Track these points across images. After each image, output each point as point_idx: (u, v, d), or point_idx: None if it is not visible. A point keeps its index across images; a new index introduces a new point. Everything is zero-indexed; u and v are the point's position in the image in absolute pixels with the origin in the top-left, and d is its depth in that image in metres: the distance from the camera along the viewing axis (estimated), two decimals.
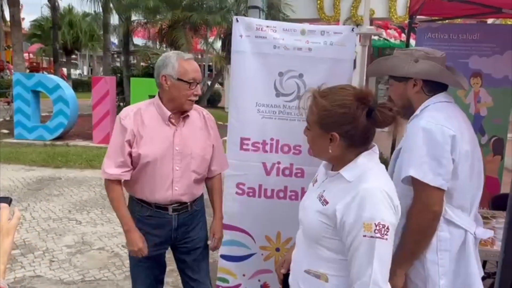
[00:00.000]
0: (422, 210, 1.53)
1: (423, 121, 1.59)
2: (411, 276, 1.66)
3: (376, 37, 17.18)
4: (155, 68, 2.08)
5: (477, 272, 1.62)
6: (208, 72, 21.32)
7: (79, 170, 6.68)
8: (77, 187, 5.74)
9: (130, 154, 2.02)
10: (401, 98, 1.73)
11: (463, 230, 1.62)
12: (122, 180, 2.08)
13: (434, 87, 1.68)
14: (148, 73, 11.25)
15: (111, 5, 10.88)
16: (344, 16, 15.79)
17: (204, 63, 21.24)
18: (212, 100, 15.46)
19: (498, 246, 2.11)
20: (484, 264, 2.46)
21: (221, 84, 16.52)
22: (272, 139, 2.69)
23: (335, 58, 2.60)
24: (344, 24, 15.95)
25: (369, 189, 1.21)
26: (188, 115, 2.11)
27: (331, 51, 2.60)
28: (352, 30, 2.61)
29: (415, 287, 1.66)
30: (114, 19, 12.55)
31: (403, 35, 19.63)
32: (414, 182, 1.55)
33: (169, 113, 2.04)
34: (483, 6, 3.26)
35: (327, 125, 1.26)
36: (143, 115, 2.04)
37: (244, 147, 2.70)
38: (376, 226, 1.16)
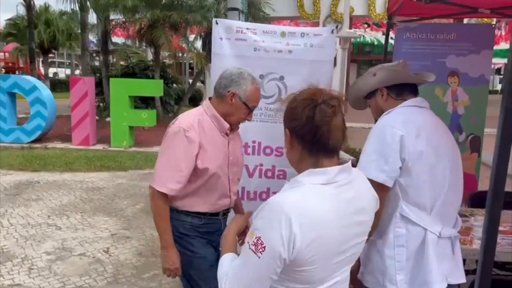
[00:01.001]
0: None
1: (378, 123, 1.70)
2: (372, 269, 1.74)
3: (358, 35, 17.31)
4: (222, 77, 1.97)
5: (437, 270, 1.65)
6: (189, 70, 21.18)
7: (59, 173, 6.55)
8: (56, 191, 5.63)
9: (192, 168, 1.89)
10: (377, 111, 1.83)
11: (421, 228, 1.66)
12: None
13: (400, 90, 1.77)
14: (128, 73, 11.10)
15: (88, 3, 10.68)
16: (324, 14, 15.92)
17: (185, 61, 21.09)
18: (193, 99, 15.36)
19: (476, 245, 2.15)
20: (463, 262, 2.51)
21: (203, 82, 16.43)
22: (254, 142, 2.69)
23: (315, 60, 2.61)
24: (324, 22, 16.11)
25: (272, 202, 1.10)
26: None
27: (311, 53, 2.61)
28: (332, 32, 2.62)
29: (375, 281, 1.73)
30: (92, 17, 12.34)
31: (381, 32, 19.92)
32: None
33: (228, 125, 1.96)
34: (460, 6, 3.32)
35: (284, 121, 1.23)
36: (202, 126, 1.92)
37: None
38: (255, 238, 1.08)
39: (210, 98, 2.01)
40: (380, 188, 1.52)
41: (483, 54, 3.40)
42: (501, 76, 34.20)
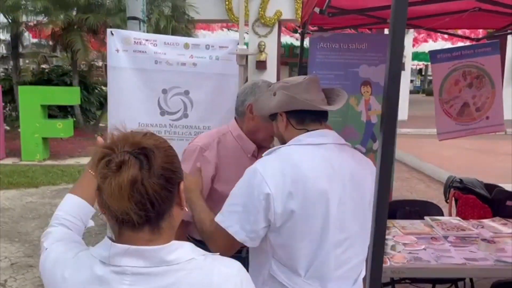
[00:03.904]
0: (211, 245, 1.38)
1: (255, 163, 1.39)
2: None
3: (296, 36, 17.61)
4: (238, 95, 1.84)
5: None
6: None
7: None
8: None
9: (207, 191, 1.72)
10: (278, 137, 1.57)
11: None
12: None
13: (301, 118, 1.45)
14: (43, 79, 10.30)
15: None
16: (252, 17, 15.97)
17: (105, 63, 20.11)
18: None
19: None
20: None
21: None
22: None
23: (221, 73, 2.48)
24: (253, 26, 16.19)
25: None
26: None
27: (217, 66, 2.47)
28: (238, 44, 2.50)
29: None
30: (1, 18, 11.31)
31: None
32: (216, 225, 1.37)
33: (254, 146, 1.80)
34: (369, 17, 3.37)
35: None
36: (224, 146, 1.79)
37: None
38: None
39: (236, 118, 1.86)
40: (230, 238, 1.33)
41: None
42: (422, 77, 36.84)
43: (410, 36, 14.84)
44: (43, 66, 12.68)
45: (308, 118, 1.45)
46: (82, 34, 8.98)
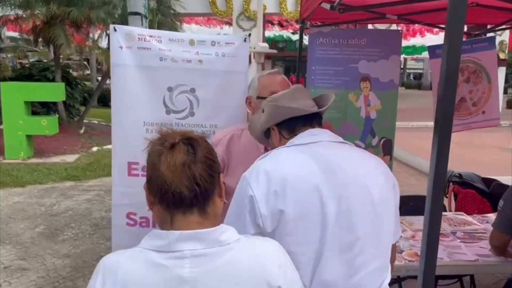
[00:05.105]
0: None
1: (246, 171, 1.33)
2: None
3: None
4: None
5: None
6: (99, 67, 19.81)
7: None
8: None
9: None
10: None
11: None
12: None
13: (291, 127, 1.41)
14: (24, 74, 9.98)
15: None
16: (237, 11, 15.88)
17: (89, 57, 19.63)
18: (103, 99, 14.38)
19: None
20: None
21: None
22: None
23: (228, 70, 2.41)
24: (237, 19, 16.08)
25: None
26: None
27: (223, 63, 2.40)
28: (245, 40, 2.44)
29: None
30: None
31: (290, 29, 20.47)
32: None
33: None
34: (369, 12, 3.35)
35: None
36: (237, 141, 1.86)
37: (133, 172, 2.40)
38: None
39: None
40: None
41: (391, 59, 3.46)
42: (402, 70, 37.70)
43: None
44: (21, 61, 12.33)
45: (298, 125, 1.40)
46: (64, 28, 8.73)
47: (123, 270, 0.91)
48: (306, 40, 3.92)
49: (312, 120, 1.41)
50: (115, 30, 2.28)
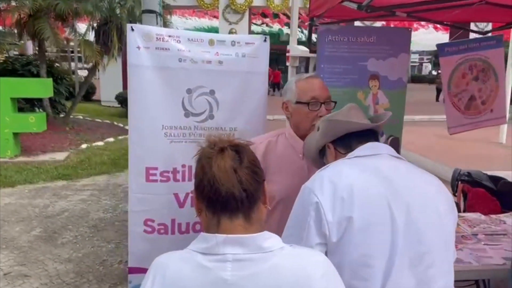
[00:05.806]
0: None
1: (307, 182, 1.31)
2: None
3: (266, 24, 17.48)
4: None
5: None
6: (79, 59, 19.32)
7: None
8: None
9: None
10: None
11: None
12: None
13: (347, 143, 1.41)
14: (7, 69, 9.63)
15: None
16: (223, 4, 15.69)
17: (71, 49, 19.14)
18: (86, 94, 14.03)
19: None
20: None
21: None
22: (183, 166, 2.35)
23: (248, 71, 2.35)
24: (224, 12, 15.91)
25: None
26: None
27: (244, 64, 2.34)
28: (265, 40, 2.37)
29: None
30: None
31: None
32: None
33: (302, 142, 1.74)
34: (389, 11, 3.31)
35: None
36: (274, 148, 1.83)
37: (151, 178, 2.31)
38: None
39: None
40: None
41: (400, 58, 3.43)
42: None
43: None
44: (1, 55, 11.91)
45: (354, 141, 1.40)
46: (49, 21, 8.44)
47: (171, 270, 0.95)
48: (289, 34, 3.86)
49: (369, 136, 1.41)
50: (133, 29, 2.18)
